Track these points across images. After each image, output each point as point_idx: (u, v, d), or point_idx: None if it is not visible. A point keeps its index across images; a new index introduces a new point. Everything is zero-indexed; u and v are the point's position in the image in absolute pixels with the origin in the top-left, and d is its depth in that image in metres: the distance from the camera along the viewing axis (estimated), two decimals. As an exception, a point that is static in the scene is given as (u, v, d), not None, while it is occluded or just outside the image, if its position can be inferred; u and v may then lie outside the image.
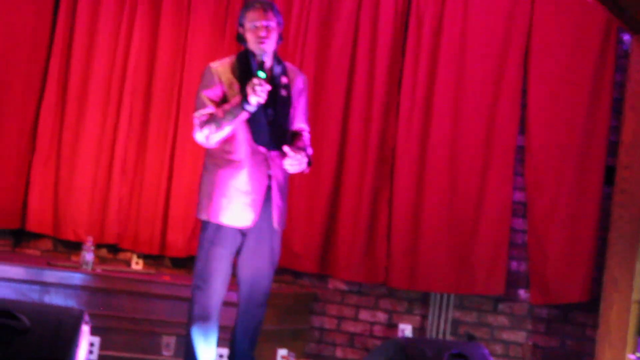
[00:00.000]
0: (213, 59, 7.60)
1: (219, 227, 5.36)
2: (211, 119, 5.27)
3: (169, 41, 7.79)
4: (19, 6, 7.77)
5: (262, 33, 5.35)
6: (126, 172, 7.73)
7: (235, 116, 5.23)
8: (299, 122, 5.60)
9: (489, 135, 7.10)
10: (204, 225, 5.44)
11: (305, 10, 7.53)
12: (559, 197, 6.91)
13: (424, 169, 7.21)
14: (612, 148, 6.78)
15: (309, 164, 5.46)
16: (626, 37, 6.81)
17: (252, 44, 5.40)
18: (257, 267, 5.47)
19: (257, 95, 5.15)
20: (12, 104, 7.73)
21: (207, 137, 5.31)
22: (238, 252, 5.47)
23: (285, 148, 5.28)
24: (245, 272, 5.47)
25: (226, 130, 5.28)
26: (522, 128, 7.09)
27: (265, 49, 5.37)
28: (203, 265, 5.40)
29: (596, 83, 6.87)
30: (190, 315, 5.44)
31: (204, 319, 5.41)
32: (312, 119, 6.51)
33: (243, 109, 5.20)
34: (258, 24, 5.36)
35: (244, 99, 5.17)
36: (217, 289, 5.41)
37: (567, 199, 6.88)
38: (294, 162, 5.31)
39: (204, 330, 5.42)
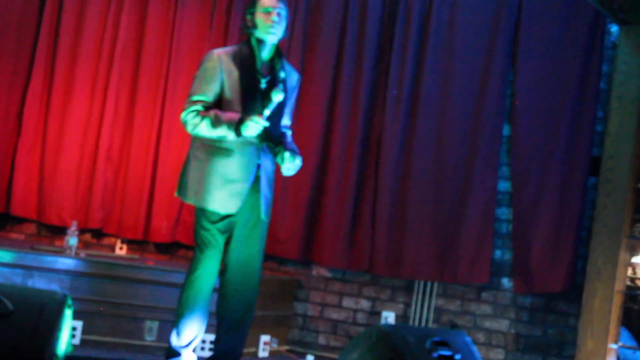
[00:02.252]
0: (200, 45, 7.66)
1: (210, 214, 5.37)
2: (203, 118, 5.26)
3: (156, 27, 7.78)
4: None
5: (274, 18, 5.36)
6: (111, 158, 7.72)
7: (226, 133, 5.21)
8: (285, 118, 5.61)
9: (475, 124, 7.11)
10: (196, 212, 5.45)
11: (294, -3, 7.53)
12: (544, 187, 6.92)
13: (409, 158, 7.22)
14: (598, 138, 6.80)
15: None
16: (614, 29, 6.82)
17: (262, 29, 5.39)
18: (248, 256, 5.46)
19: (254, 131, 5.17)
20: (-2, 88, 7.72)
21: (193, 129, 5.30)
22: (227, 242, 5.48)
23: (286, 154, 5.30)
24: (236, 261, 5.47)
25: (213, 137, 5.29)
26: (509, 118, 7.10)
27: (276, 33, 5.38)
28: (198, 251, 5.41)
29: (583, 73, 6.89)
30: (183, 298, 5.43)
31: (198, 302, 5.41)
32: (298, 107, 6.50)
33: (236, 134, 5.21)
34: (271, 9, 5.37)
35: (240, 128, 5.17)
36: (211, 274, 5.42)
37: (552, 189, 6.90)
38: (291, 167, 5.34)
39: (196, 313, 5.42)
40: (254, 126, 5.14)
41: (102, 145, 7.71)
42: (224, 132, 5.21)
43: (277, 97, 5.22)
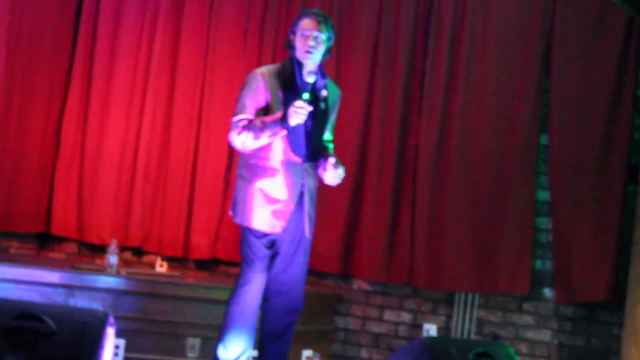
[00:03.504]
0: (234, 62, 7.68)
1: (256, 231, 5.41)
2: (250, 127, 5.30)
3: (190, 44, 7.82)
4: (43, 13, 7.82)
5: (311, 42, 5.38)
6: (149, 175, 7.76)
7: (274, 131, 5.26)
8: (327, 133, 5.63)
9: (512, 134, 7.07)
10: (243, 229, 5.48)
11: (326, 7, 7.50)
12: (583, 195, 6.87)
13: (446, 169, 7.19)
14: (636, 146, 6.76)
15: None
16: (649, 35, 6.79)
17: (299, 52, 5.42)
18: (292, 274, 5.50)
19: (299, 118, 5.19)
20: (36, 108, 7.79)
21: (243, 143, 5.34)
22: (272, 259, 5.50)
23: (332, 159, 5.34)
24: (280, 278, 5.49)
25: (262, 142, 5.32)
26: (546, 127, 7.07)
27: (311, 58, 5.40)
28: (246, 267, 5.44)
29: (618, 80, 6.84)
30: (230, 315, 5.45)
31: (245, 316, 5.43)
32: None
33: (282, 127, 5.24)
34: (308, 33, 5.38)
35: (285, 118, 5.21)
36: (258, 289, 5.45)
37: (590, 197, 6.84)
38: (334, 176, 5.35)
39: (243, 327, 5.43)
40: (298, 112, 5.16)
41: (140, 163, 7.75)
42: (272, 130, 5.24)
43: (305, 96, 5.23)
